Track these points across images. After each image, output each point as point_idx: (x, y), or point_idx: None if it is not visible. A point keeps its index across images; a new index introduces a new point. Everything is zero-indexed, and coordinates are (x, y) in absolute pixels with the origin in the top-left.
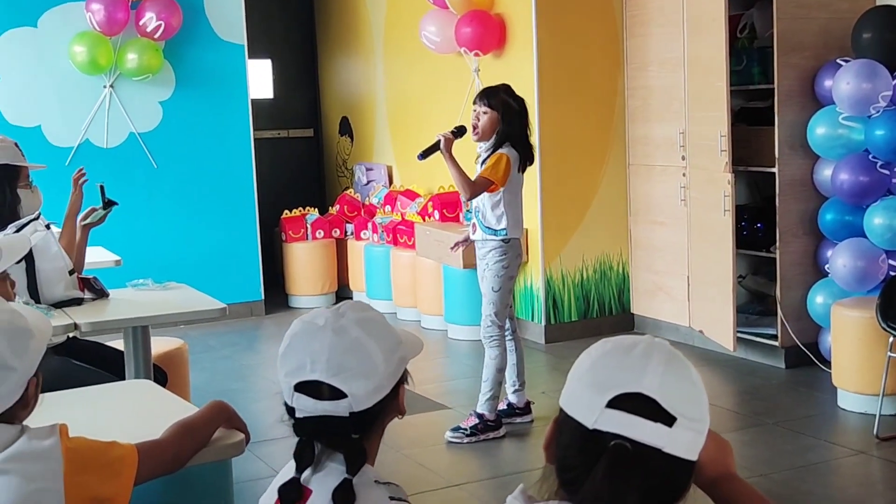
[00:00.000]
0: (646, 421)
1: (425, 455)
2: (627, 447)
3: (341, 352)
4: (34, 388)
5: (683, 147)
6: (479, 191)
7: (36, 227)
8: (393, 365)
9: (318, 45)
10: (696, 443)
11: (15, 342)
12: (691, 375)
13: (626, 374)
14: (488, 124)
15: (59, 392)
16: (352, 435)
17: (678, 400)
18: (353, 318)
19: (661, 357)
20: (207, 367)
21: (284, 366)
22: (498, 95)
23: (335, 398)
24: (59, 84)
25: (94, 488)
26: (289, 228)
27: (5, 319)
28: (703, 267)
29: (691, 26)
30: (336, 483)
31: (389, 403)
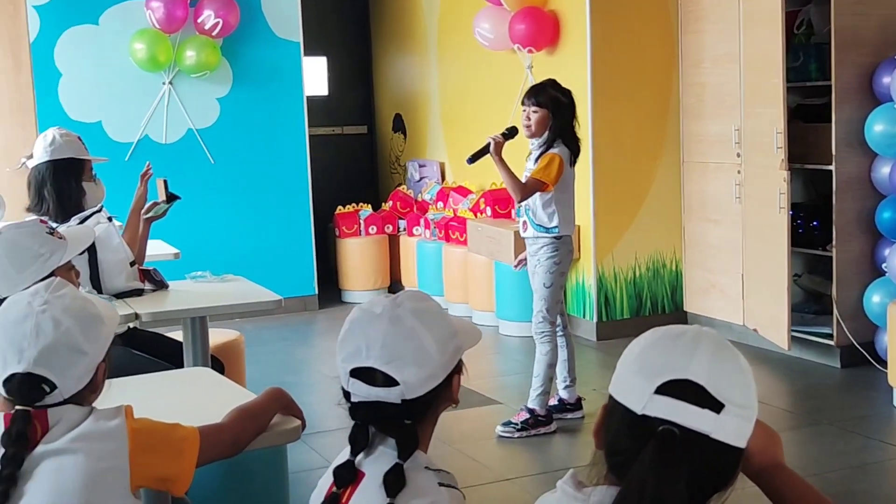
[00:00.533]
0: (693, 407)
1: (476, 449)
2: (675, 432)
3: (396, 340)
4: (102, 374)
5: (738, 144)
6: (531, 193)
7: (98, 219)
8: (447, 354)
9: (373, 43)
10: (744, 430)
11: (87, 328)
12: (739, 363)
13: (675, 360)
14: (539, 122)
15: (121, 378)
16: (404, 421)
17: (726, 386)
18: (410, 308)
19: (709, 344)
20: (261, 360)
21: (342, 351)
22: (546, 92)
23: (388, 385)
24: (119, 81)
25: (158, 468)
26: (342, 224)
27: (80, 306)
28: (757, 265)
29: (747, 22)
30: (388, 467)
31: (442, 392)
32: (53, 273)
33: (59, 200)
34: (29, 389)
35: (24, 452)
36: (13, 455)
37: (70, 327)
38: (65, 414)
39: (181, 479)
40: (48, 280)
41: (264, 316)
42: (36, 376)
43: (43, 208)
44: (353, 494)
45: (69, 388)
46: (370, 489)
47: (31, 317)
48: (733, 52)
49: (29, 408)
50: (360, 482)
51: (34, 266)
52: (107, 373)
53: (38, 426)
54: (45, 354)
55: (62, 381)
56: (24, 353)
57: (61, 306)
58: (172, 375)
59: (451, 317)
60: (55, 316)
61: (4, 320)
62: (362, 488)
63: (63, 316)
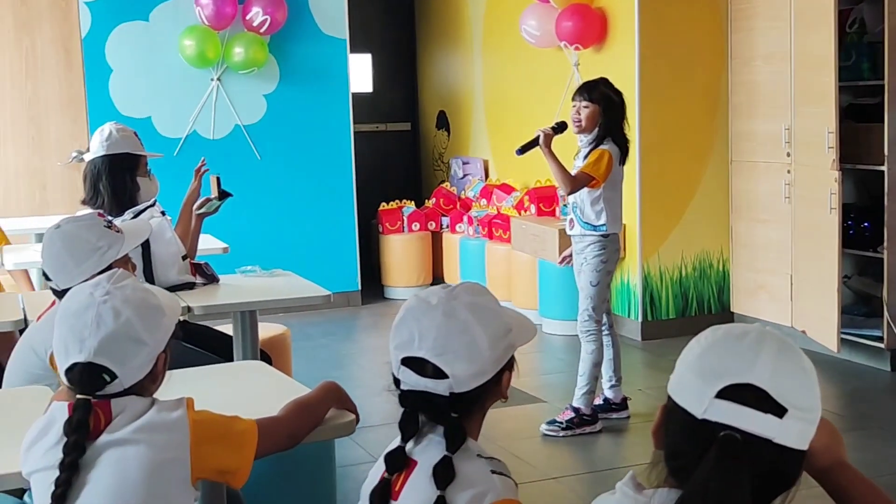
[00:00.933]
0: (756, 412)
1: (521, 447)
2: (737, 438)
3: (448, 333)
4: (162, 364)
5: (789, 143)
6: (580, 186)
7: (152, 213)
8: (499, 351)
9: (418, 40)
10: (807, 432)
11: (147, 318)
12: (803, 364)
13: (737, 363)
14: (590, 118)
15: (176, 371)
16: (451, 414)
17: (789, 390)
18: (465, 302)
19: (773, 346)
20: (306, 355)
21: (395, 338)
22: (598, 89)
23: (437, 377)
24: (168, 77)
25: (218, 460)
26: (386, 220)
27: (141, 297)
28: (807, 266)
29: (799, 20)
30: (437, 458)
31: (492, 388)
32: (111, 266)
33: (114, 194)
34: (90, 379)
35: (86, 440)
36: (75, 443)
37: (130, 317)
38: (128, 405)
39: (240, 472)
40: (110, 271)
41: (309, 311)
42: (97, 366)
43: (98, 202)
44: (405, 483)
45: (129, 378)
46: (422, 479)
47: (93, 307)
48: (784, 51)
49: (90, 397)
50: (412, 471)
51: (92, 259)
52: (167, 363)
53: (101, 416)
54: (106, 344)
55: (122, 370)
56: (86, 342)
57: (122, 297)
58: (225, 368)
59: (506, 312)
60: (115, 306)
61: (67, 310)
62: (414, 478)
63: (123, 306)
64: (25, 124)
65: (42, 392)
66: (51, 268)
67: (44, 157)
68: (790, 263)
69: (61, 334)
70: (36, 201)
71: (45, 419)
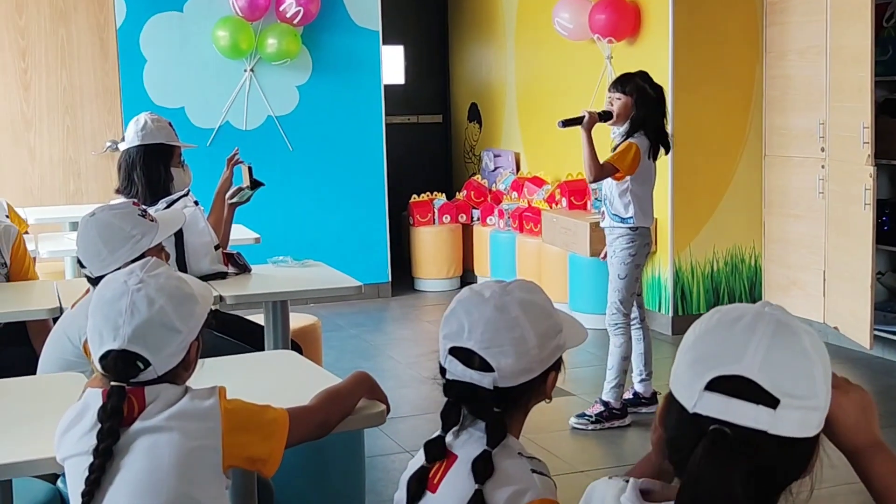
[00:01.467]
0: (746, 403)
1: (550, 440)
2: (726, 433)
3: (497, 327)
4: (195, 352)
5: (823, 138)
6: (604, 176)
7: (186, 202)
8: (547, 350)
9: (450, 32)
10: (810, 420)
11: (181, 306)
12: (802, 347)
13: (727, 352)
14: (622, 109)
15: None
16: (494, 409)
17: (783, 378)
18: (518, 298)
19: (766, 330)
20: (336, 346)
21: (445, 327)
22: (633, 81)
23: (483, 370)
24: (202, 67)
25: (249, 448)
26: (416, 212)
27: (174, 286)
28: (840, 262)
29: (835, 14)
30: (477, 453)
31: (537, 387)
32: (144, 254)
33: (148, 184)
34: (124, 366)
35: (120, 427)
36: (109, 429)
37: (163, 306)
38: (161, 392)
39: (271, 460)
40: (144, 260)
41: (339, 302)
42: (130, 353)
43: (132, 191)
44: (444, 476)
45: (162, 365)
46: (461, 474)
47: (127, 295)
48: (820, 45)
49: (124, 384)
50: (451, 465)
51: (126, 247)
52: (200, 351)
53: (135, 403)
54: (140, 332)
55: (156, 358)
56: (120, 330)
57: (156, 285)
58: (257, 357)
59: (558, 313)
60: (149, 294)
61: (101, 298)
62: (454, 472)
63: (157, 294)
64: (60, 114)
65: (76, 379)
66: (85, 255)
67: (78, 146)
68: (823, 259)
69: (95, 322)
70: (70, 190)
71: (80, 405)
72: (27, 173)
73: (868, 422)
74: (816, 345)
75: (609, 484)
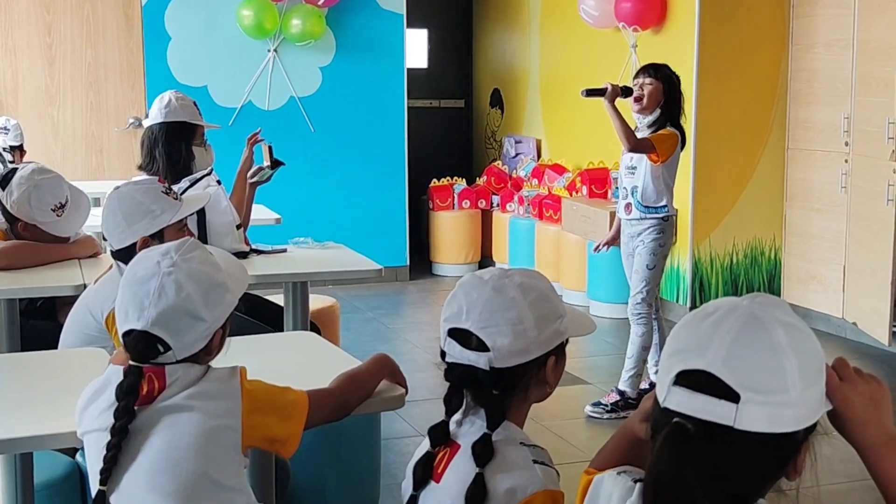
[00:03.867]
0: (709, 398)
1: (565, 428)
2: (685, 427)
3: (495, 307)
4: (219, 339)
5: (847, 133)
6: (642, 149)
7: (209, 181)
8: (545, 334)
9: (474, 17)
10: (779, 416)
11: (210, 295)
12: (771, 341)
13: (692, 346)
14: (653, 95)
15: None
16: (492, 391)
17: (746, 372)
18: (517, 282)
19: (733, 325)
20: (353, 328)
21: (445, 311)
22: (664, 69)
23: (480, 350)
24: (226, 47)
25: (268, 429)
26: (436, 197)
27: (206, 273)
28: (860, 257)
29: (863, 8)
30: None
31: (534, 371)
32: (164, 231)
33: (169, 162)
34: (144, 347)
35: (136, 405)
36: (125, 408)
37: (192, 293)
38: (182, 372)
39: (290, 441)
40: (181, 240)
41: (357, 284)
42: (152, 336)
43: (153, 168)
44: (448, 464)
45: (183, 350)
46: (463, 460)
47: (157, 277)
48: (847, 38)
49: (142, 364)
50: (455, 454)
51: (144, 221)
52: (226, 337)
53: (156, 383)
54: (164, 316)
55: (177, 343)
56: (145, 311)
57: (187, 270)
58: (277, 338)
59: (561, 301)
60: (179, 279)
61: (133, 276)
62: (457, 459)
63: (187, 280)
64: (84, 90)
65: (97, 354)
66: (106, 228)
67: (101, 122)
68: (843, 254)
69: (124, 298)
70: (93, 166)
71: (101, 381)
72: (50, 148)
73: (879, 416)
74: (796, 339)
75: (616, 481)
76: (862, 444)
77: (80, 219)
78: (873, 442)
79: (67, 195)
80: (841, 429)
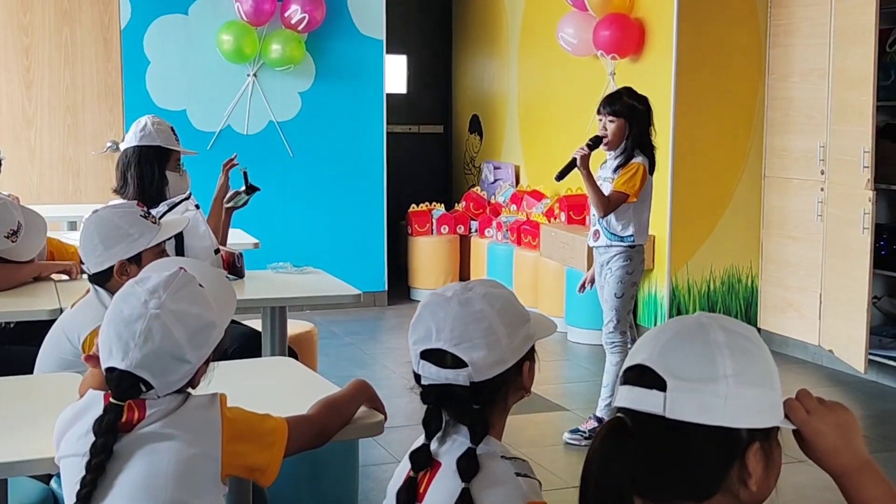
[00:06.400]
0: (642, 389)
1: (543, 455)
2: (623, 420)
3: (465, 322)
4: (202, 373)
5: (823, 161)
6: (616, 206)
7: (187, 206)
8: (517, 340)
9: (454, 43)
10: (711, 405)
11: (197, 337)
12: (706, 338)
13: (638, 347)
14: (617, 132)
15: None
16: (473, 406)
17: (674, 361)
18: (481, 292)
19: (675, 327)
20: (330, 354)
21: (413, 334)
22: (621, 100)
23: (457, 367)
24: (205, 71)
25: (248, 458)
26: (415, 222)
27: (195, 314)
28: (837, 285)
29: (839, 38)
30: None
31: (512, 379)
32: (142, 255)
33: (141, 185)
34: (127, 386)
35: (114, 443)
36: (103, 445)
37: (178, 338)
38: (164, 401)
39: (269, 470)
40: (171, 275)
41: (334, 310)
42: (135, 376)
43: (126, 191)
44: (430, 483)
45: (165, 388)
46: (446, 477)
47: (144, 319)
48: (822, 68)
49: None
50: (437, 471)
51: (121, 245)
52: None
53: (136, 412)
54: (148, 360)
55: (160, 383)
56: (130, 353)
57: (175, 312)
58: (255, 363)
59: (523, 306)
60: (166, 323)
61: (118, 313)
62: (439, 477)
63: (174, 324)
64: (62, 113)
65: (73, 379)
66: (83, 251)
67: (78, 145)
68: (820, 282)
69: (108, 335)
70: (69, 189)
71: (81, 405)
72: (26, 171)
73: (850, 442)
74: (736, 342)
75: None
76: (837, 472)
77: (38, 239)
78: (847, 468)
79: (19, 220)
80: (815, 459)
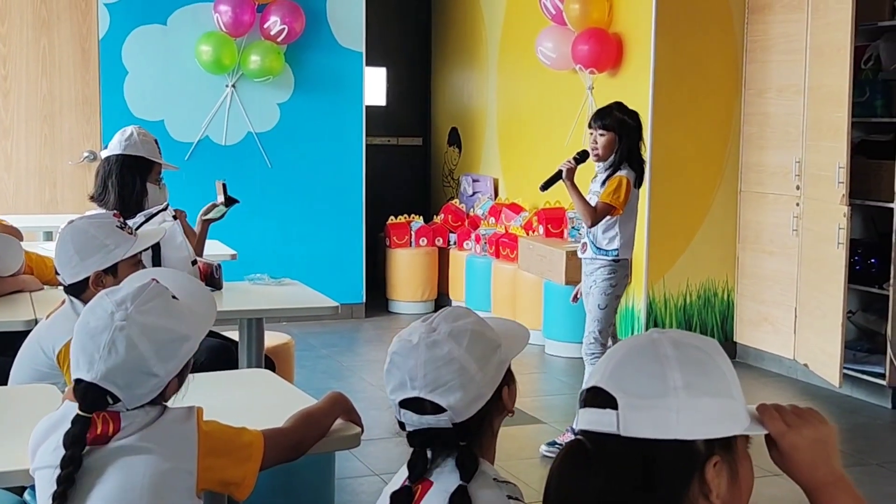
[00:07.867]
0: (596, 409)
1: (520, 468)
2: (582, 443)
3: (436, 367)
4: (174, 387)
5: (799, 176)
6: (602, 218)
7: (164, 217)
8: (490, 371)
9: (433, 56)
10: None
11: (164, 350)
12: (657, 352)
13: (595, 370)
14: (607, 146)
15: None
16: (459, 443)
17: (625, 380)
18: (446, 331)
19: (626, 345)
20: (307, 366)
21: (388, 383)
22: (612, 115)
23: (437, 412)
24: (183, 81)
25: (224, 472)
26: (393, 234)
27: (161, 327)
28: (812, 299)
29: (815, 54)
30: (453, 484)
31: (493, 407)
32: (118, 266)
33: (121, 195)
34: (93, 398)
35: (82, 454)
36: (70, 457)
37: (144, 352)
38: (138, 413)
39: (245, 484)
40: (141, 286)
41: (312, 321)
42: (101, 388)
43: (104, 198)
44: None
45: (133, 402)
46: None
47: (108, 331)
48: (798, 84)
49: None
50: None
51: (97, 255)
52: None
53: (111, 424)
54: (113, 373)
55: (127, 396)
56: (95, 365)
57: (141, 325)
58: (232, 375)
59: (491, 329)
60: (131, 336)
61: (84, 324)
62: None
63: (140, 337)
64: (39, 122)
65: (48, 391)
66: (59, 261)
67: (55, 155)
68: (795, 296)
69: (76, 346)
70: (46, 199)
71: (56, 416)
72: (2, 181)
73: (826, 457)
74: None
75: None
76: (811, 486)
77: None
78: (822, 483)
79: None
80: (789, 472)
